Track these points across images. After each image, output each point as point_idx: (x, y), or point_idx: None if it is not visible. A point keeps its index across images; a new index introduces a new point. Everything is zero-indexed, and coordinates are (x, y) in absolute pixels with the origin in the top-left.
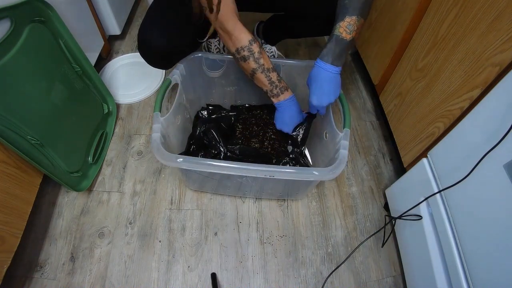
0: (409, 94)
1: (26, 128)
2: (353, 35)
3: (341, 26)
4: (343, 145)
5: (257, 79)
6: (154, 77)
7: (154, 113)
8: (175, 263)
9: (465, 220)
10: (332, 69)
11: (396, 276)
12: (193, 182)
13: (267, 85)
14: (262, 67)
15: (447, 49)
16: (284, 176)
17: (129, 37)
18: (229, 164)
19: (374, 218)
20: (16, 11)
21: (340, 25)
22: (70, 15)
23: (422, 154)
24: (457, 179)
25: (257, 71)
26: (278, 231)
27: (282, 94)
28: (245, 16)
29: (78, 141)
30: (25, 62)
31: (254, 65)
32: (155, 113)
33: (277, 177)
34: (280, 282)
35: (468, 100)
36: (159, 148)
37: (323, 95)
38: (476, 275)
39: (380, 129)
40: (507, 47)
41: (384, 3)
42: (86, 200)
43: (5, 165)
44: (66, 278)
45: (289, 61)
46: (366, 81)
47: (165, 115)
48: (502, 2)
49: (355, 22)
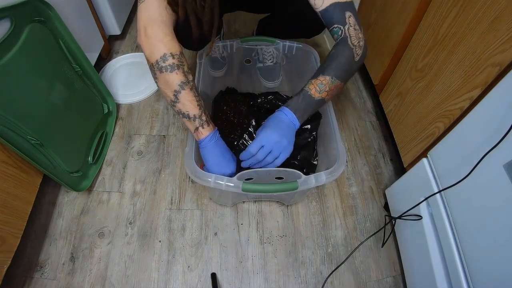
0: (409, 94)
1: (26, 128)
2: (323, 95)
3: (312, 83)
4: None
5: (183, 99)
6: None
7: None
8: (175, 263)
9: (465, 220)
10: (292, 118)
11: (396, 276)
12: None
13: (196, 109)
14: (191, 83)
15: (447, 49)
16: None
17: (129, 37)
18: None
19: (374, 218)
20: (16, 11)
21: (312, 82)
22: (70, 15)
23: (422, 154)
24: (457, 179)
25: (186, 86)
26: (278, 231)
27: (211, 123)
28: (245, 16)
29: (78, 141)
30: (25, 62)
31: (183, 78)
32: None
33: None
34: (280, 282)
35: (468, 100)
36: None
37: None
38: (476, 275)
39: (380, 129)
40: (507, 47)
41: (384, 3)
42: (86, 200)
43: (5, 165)
44: (66, 278)
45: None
46: (366, 81)
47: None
48: (502, 2)
49: (328, 82)
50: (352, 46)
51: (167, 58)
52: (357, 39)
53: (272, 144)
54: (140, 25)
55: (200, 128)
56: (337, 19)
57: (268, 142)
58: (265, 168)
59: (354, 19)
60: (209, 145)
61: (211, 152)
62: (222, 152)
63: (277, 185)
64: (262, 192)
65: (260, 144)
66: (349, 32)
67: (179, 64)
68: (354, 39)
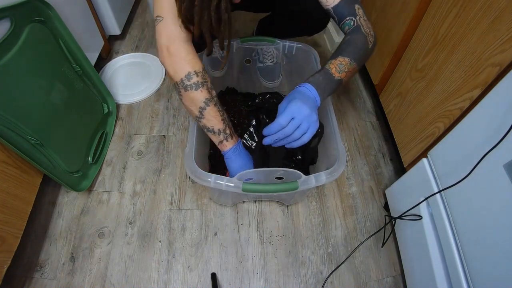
0: (409, 94)
1: (26, 128)
2: (342, 76)
3: (332, 63)
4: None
5: (208, 115)
6: (154, 77)
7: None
8: (175, 263)
9: (465, 220)
10: (315, 94)
11: (396, 276)
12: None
13: (220, 123)
14: (215, 99)
15: (447, 49)
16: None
17: (129, 37)
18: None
19: (374, 218)
20: (16, 11)
21: (332, 62)
22: (70, 15)
23: (422, 154)
24: (457, 179)
25: (210, 103)
26: (278, 231)
27: (234, 136)
28: (245, 16)
29: (78, 141)
30: (25, 62)
31: (207, 95)
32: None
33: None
34: (280, 282)
35: (468, 100)
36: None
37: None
38: (476, 275)
39: (380, 129)
40: (507, 47)
41: (384, 3)
42: (86, 200)
43: (5, 165)
44: (66, 278)
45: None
46: (366, 81)
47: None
48: (502, 2)
49: (347, 63)
50: (365, 33)
51: (191, 76)
52: (368, 28)
53: (302, 117)
54: (161, 44)
55: (225, 141)
56: (348, 12)
57: (299, 114)
58: (266, 169)
59: (362, 10)
60: (233, 156)
61: (235, 162)
62: (245, 162)
63: (277, 185)
64: (262, 192)
65: (291, 115)
66: (360, 22)
67: (203, 81)
68: (366, 28)
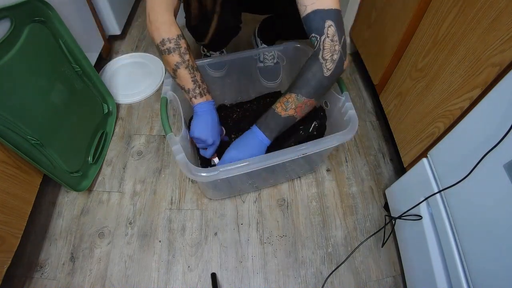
0: (409, 94)
1: (26, 128)
2: (290, 113)
3: (279, 101)
4: (348, 107)
5: (180, 75)
6: (154, 77)
7: (167, 136)
8: (175, 263)
9: (465, 220)
10: (261, 136)
11: (396, 276)
12: (219, 191)
13: (190, 83)
14: (186, 62)
15: (447, 49)
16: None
17: (129, 37)
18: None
19: (374, 218)
20: (16, 11)
21: (279, 100)
22: (70, 15)
23: (422, 154)
24: (457, 179)
25: (181, 66)
26: (278, 231)
27: (205, 95)
28: (245, 16)
29: (78, 141)
30: (25, 62)
31: (178, 59)
32: (169, 135)
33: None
34: (280, 282)
35: (468, 100)
36: (192, 168)
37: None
38: (476, 275)
39: (380, 129)
40: (507, 47)
41: (384, 3)
42: (86, 200)
43: (5, 165)
44: (66, 278)
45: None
46: (366, 81)
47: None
48: (502, 2)
49: (293, 100)
50: (322, 60)
51: (165, 42)
52: (330, 52)
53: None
54: (146, 12)
55: (193, 98)
56: (315, 28)
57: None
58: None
59: (334, 29)
60: (199, 111)
61: (198, 118)
62: (208, 121)
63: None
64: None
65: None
66: (324, 44)
67: (175, 47)
68: (327, 52)
